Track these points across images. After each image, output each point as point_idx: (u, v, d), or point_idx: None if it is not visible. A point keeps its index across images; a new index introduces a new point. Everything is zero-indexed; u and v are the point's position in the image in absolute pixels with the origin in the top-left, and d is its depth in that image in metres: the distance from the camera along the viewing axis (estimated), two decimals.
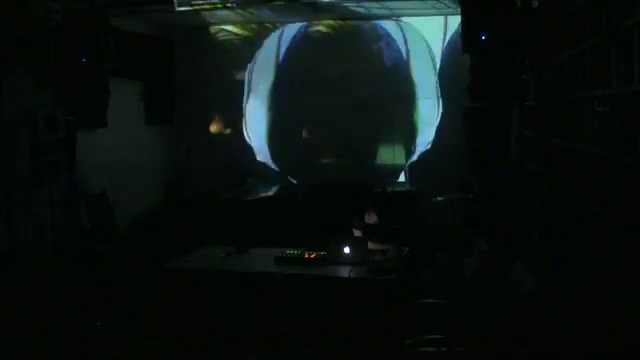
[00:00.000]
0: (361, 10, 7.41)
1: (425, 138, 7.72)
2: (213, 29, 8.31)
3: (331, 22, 7.93)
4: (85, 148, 6.41)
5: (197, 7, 6.87)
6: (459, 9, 5.61)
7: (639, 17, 2.44)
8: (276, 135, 8.19)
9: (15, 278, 5.07)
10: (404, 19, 7.68)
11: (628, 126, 2.59)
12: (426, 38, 7.65)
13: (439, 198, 6.48)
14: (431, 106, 7.66)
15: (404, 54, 7.74)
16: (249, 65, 8.22)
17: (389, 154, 7.91)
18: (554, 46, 4.27)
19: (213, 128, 8.46)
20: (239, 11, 7.33)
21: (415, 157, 7.78)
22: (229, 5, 6.81)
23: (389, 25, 7.77)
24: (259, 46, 8.20)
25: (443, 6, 6.94)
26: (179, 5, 6.44)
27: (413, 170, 7.79)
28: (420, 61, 7.67)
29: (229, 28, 8.26)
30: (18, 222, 5.56)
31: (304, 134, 8.10)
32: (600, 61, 3.05)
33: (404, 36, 7.72)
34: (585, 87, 3.36)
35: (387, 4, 7.03)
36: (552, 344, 2.97)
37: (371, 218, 5.42)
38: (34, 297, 4.99)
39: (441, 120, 7.55)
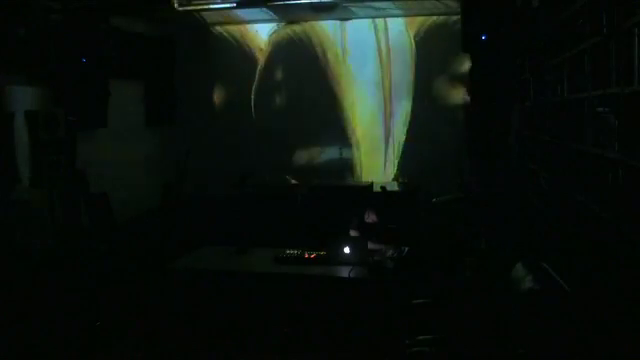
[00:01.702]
0: (360, 10, 7.43)
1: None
2: (213, 29, 8.31)
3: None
4: (85, 148, 6.41)
5: (197, 7, 6.87)
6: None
7: (639, 17, 2.44)
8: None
9: (15, 278, 5.07)
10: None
11: (628, 126, 2.59)
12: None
13: (439, 198, 6.50)
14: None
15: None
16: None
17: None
18: (554, 46, 4.27)
19: (213, 128, 8.46)
20: (239, 11, 7.33)
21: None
22: (229, 5, 6.81)
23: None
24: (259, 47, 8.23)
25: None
26: (179, 5, 6.45)
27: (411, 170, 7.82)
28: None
29: (229, 28, 8.26)
30: (18, 222, 5.56)
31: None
32: (600, 61, 3.04)
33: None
34: (585, 87, 3.36)
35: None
36: (552, 344, 2.97)
37: (370, 218, 5.42)
38: (34, 297, 4.99)
39: (439, 120, 7.56)
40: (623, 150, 2.64)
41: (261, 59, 8.24)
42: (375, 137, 7.99)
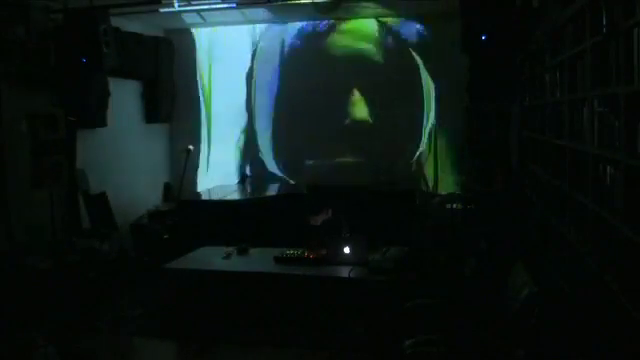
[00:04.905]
0: (362, 9, 7.43)
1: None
2: (213, 29, 8.31)
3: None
4: (85, 148, 6.42)
5: (197, 7, 6.87)
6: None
7: (639, 17, 2.44)
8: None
9: (15, 278, 5.07)
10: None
11: (628, 126, 2.59)
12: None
13: (439, 198, 6.51)
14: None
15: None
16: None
17: None
18: (554, 46, 4.27)
19: (212, 128, 8.46)
20: (239, 11, 7.33)
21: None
22: (229, 5, 6.80)
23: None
24: (258, 47, 8.23)
25: None
26: (179, 5, 6.44)
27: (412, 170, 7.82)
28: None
29: (229, 28, 8.26)
30: (18, 222, 5.56)
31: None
32: (600, 61, 3.04)
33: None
34: (585, 87, 3.36)
35: None
36: (552, 344, 2.98)
37: (314, 220, 5.41)
38: (33, 297, 4.99)
39: (439, 120, 7.57)
40: (623, 150, 2.64)
41: (259, 59, 8.23)
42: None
